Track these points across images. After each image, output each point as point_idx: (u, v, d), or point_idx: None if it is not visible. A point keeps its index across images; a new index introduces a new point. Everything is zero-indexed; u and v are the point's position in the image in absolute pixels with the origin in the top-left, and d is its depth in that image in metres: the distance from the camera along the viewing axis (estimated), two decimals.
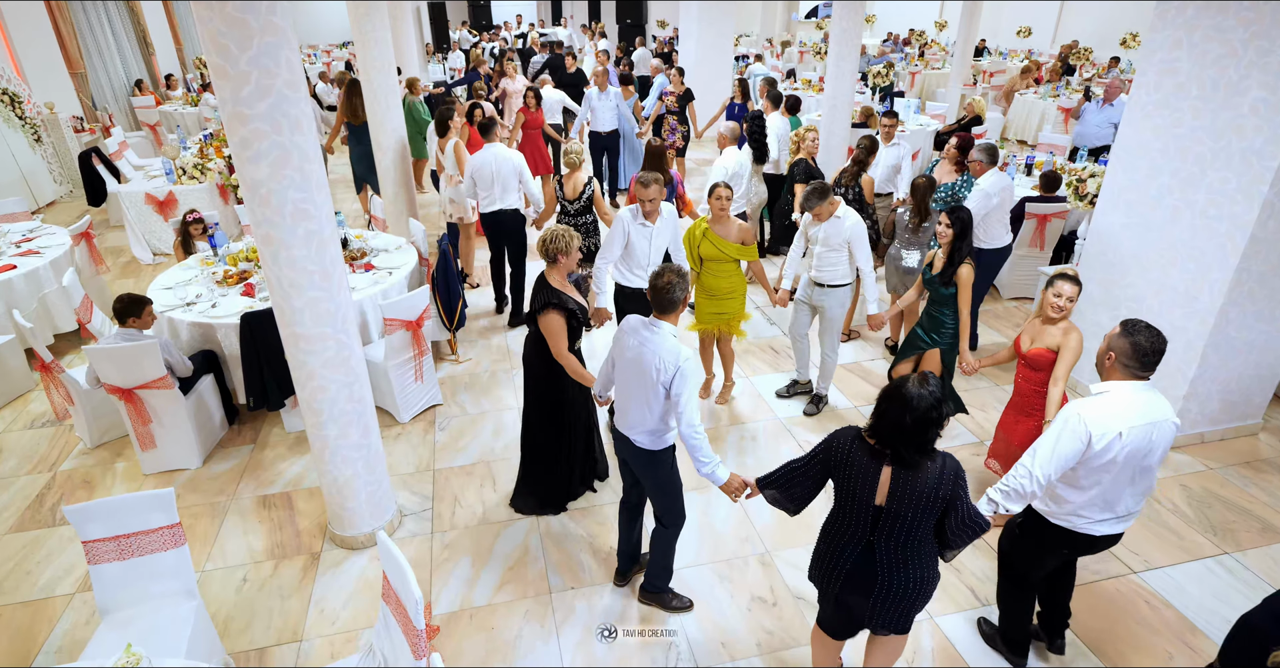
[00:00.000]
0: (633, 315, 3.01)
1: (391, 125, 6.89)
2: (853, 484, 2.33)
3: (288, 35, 2.70)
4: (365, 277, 4.99)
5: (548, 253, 3.40)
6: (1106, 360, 2.63)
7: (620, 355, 3.00)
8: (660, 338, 2.85)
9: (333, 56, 18.09)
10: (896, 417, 2.19)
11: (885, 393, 2.27)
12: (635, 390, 2.92)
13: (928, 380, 2.22)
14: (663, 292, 2.86)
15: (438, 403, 4.95)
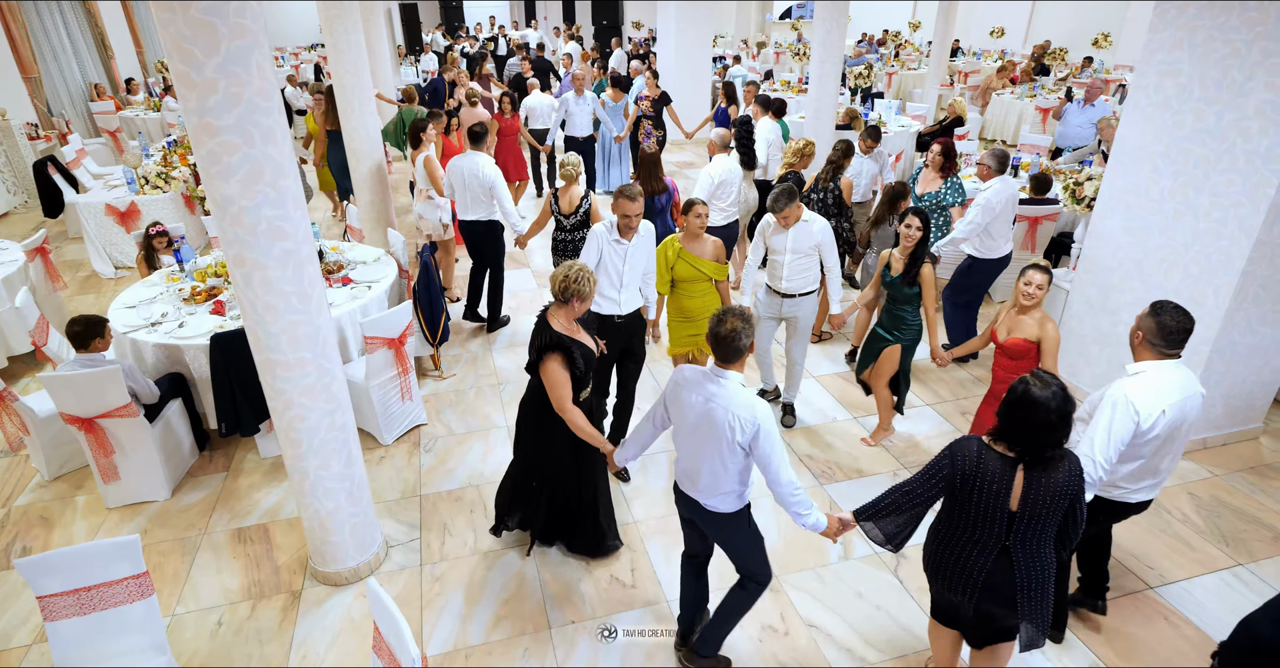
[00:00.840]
0: (687, 367, 2.66)
1: (366, 131, 6.64)
2: (983, 494, 2.34)
3: (259, 39, 2.48)
4: (343, 291, 4.75)
5: (562, 292, 2.98)
6: (1135, 339, 2.80)
7: (680, 415, 2.63)
8: (731, 392, 2.50)
9: (301, 59, 17.66)
10: (1042, 420, 2.20)
11: (1013, 401, 2.26)
12: (706, 453, 2.57)
13: (1041, 378, 2.26)
14: (728, 340, 2.48)
15: (422, 423, 4.72)
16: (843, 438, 4.65)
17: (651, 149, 8.83)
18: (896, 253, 4.17)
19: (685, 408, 2.61)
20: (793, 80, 13.05)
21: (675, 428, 2.72)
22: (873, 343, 4.35)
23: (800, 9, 23.80)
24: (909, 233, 4.03)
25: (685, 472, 2.72)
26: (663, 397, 2.76)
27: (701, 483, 2.65)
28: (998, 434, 2.35)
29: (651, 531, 3.84)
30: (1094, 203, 4.94)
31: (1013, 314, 3.61)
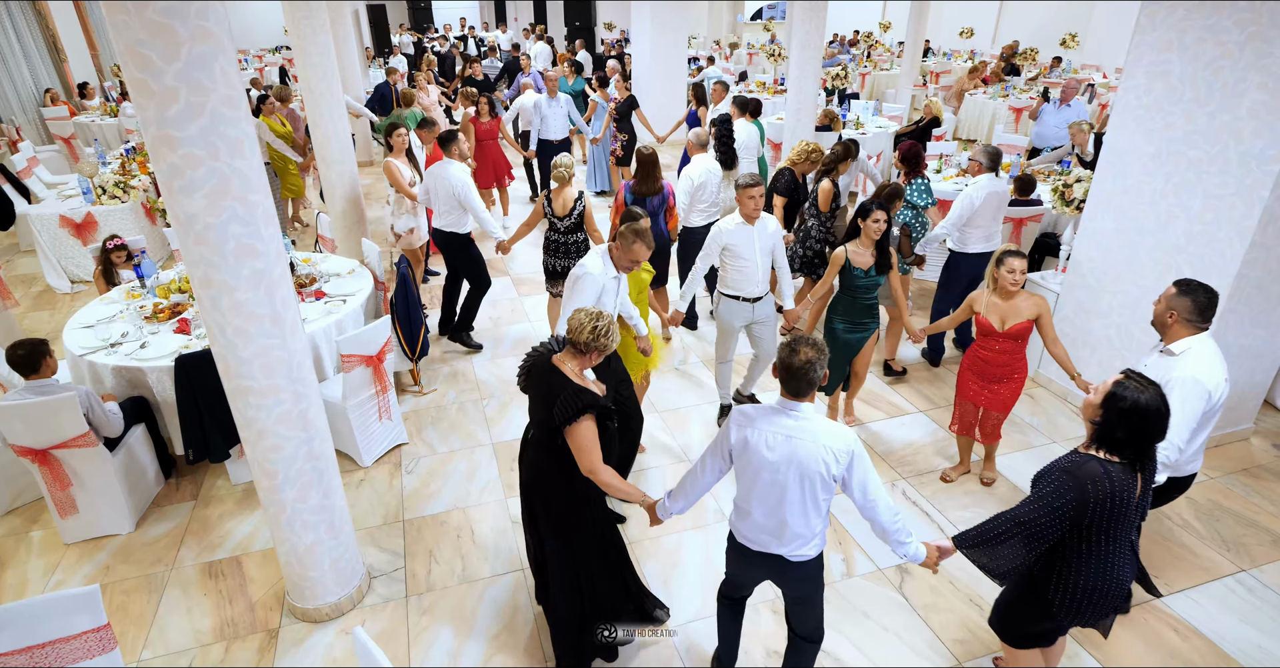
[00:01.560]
0: (747, 406, 2.42)
1: (336, 136, 6.40)
2: (1121, 510, 2.29)
3: (223, 43, 2.29)
4: (316, 306, 4.53)
5: (585, 344, 2.60)
6: (1170, 319, 2.90)
7: (754, 462, 2.36)
8: (814, 424, 2.30)
9: (265, 62, 17.21)
10: (1158, 425, 2.22)
11: (1127, 411, 2.21)
12: (793, 498, 2.34)
13: (1137, 380, 2.27)
14: (802, 372, 2.26)
15: (403, 442, 4.52)
16: None
17: (616, 153, 8.73)
18: (855, 247, 4.15)
19: (761, 452, 2.33)
20: (768, 81, 13.01)
21: (746, 477, 2.42)
22: (845, 343, 4.35)
23: (771, 10, 23.86)
24: (875, 227, 4.05)
25: (765, 527, 2.44)
26: (721, 443, 2.48)
27: (791, 532, 2.40)
28: (1107, 443, 2.28)
29: (646, 552, 3.69)
30: (1083, 205, 4.90)
31: (997, 302, 3.71)
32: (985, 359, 3.82)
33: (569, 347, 2.68)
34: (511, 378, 5.28)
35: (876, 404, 5.02)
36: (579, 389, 2.58)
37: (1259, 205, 3.77)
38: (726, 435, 2.44)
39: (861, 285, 4.18)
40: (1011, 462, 4.42)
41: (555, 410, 2.53)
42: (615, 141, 8.89)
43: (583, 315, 2.63)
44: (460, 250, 5.50)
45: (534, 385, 2.74)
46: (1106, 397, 2.25)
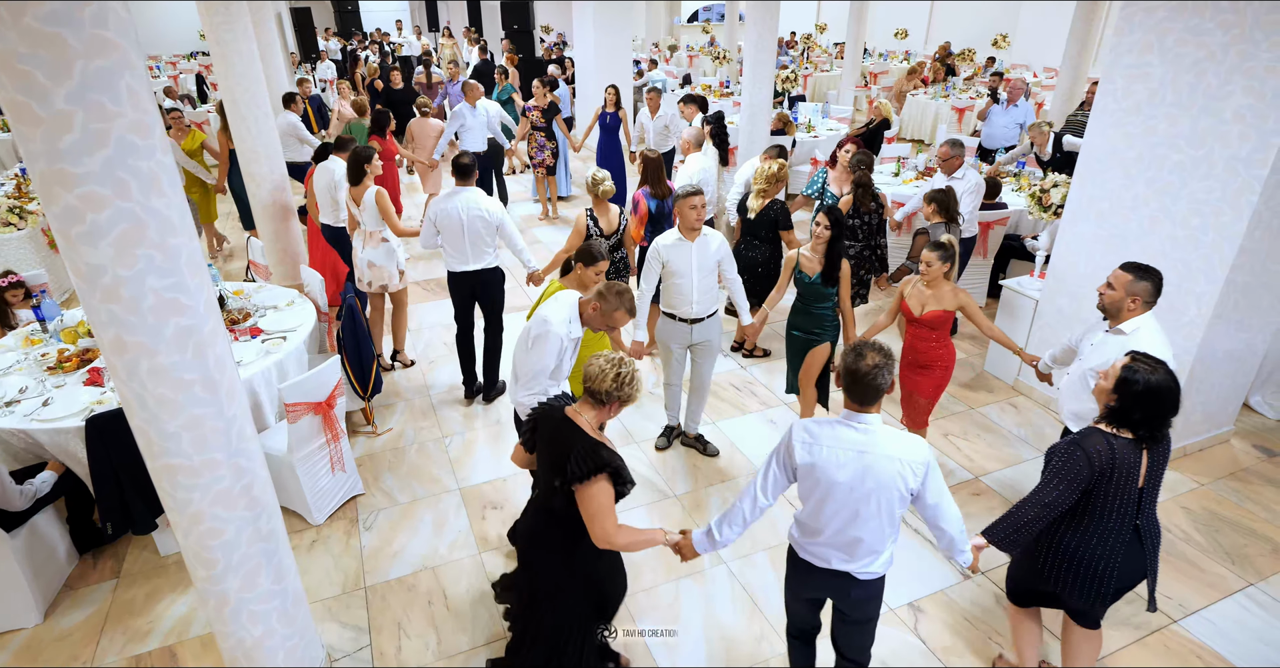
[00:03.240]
0: (808, 422, 2.26)
1: (265, 152, 5.87)
2: (1120, 484, 2.39)
3: (128, 56, 1.86)
4: (252, 345, 4.04)
5: (608, 394, 2.32)
6: (1132, 303, 2.98)
7: (822, 480, 2.21)
8: (885, 436, 2.19)
9: (179, 69, 16.14)
10: (1171, 403, 2.30)
11: (1140, 393, 2.31)
12: (868, 515, 2.22)
13: (1145, 361, 2.35)
14: (869, 378, 2.15)
15: (358, 493, 4.07)
16: None
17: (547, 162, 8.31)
18: (807, 252, 4.04)
19: (831, 473, 2.20)
20: (713, 84, 12.84)
21: (814, 497, 2.27)
22: (795, 348, 4.25)
23: (706, 12, 23.84)
24: (819, 232, 3.93)
25: (836, 543, 2.30)
26: (783, 461, 2.30)
27: (863, 548, 2.29)
28: (1121, 423, 2.37)
29: (641, 608, 3.36)
30: (1061, 210, 4.81)
31: (920, 289, 3.80)
32: (909, 346, 3.92)
33: (586, 397, 2.39)
34: (479, 411, 4.88)
35: None
36: (595, 444, 2.30)
37: (1247, 210, 3.70)
38: (790, 454, 2.28)
39: (808, 293, 4.06)
40: (1003, 477, 4.27)
41: (569, 466, 2.25)
42: (542, 151, 8.42)
43: (602, 362, 2.35)
44: (498, 288, 4.76)
45: (543, 440, 2.45)
46: (1119, 381, 2.34)
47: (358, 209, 4.90)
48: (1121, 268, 3.02)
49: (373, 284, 4.99)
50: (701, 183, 5.46)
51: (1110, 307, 3.03)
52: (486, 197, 4.54)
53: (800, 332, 4.20)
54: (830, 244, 3.93)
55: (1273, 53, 3.47)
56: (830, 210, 3.91)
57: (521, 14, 13.17)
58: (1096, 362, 3.02)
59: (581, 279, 3.53)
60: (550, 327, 2.94)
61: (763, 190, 5.06)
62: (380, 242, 4.90)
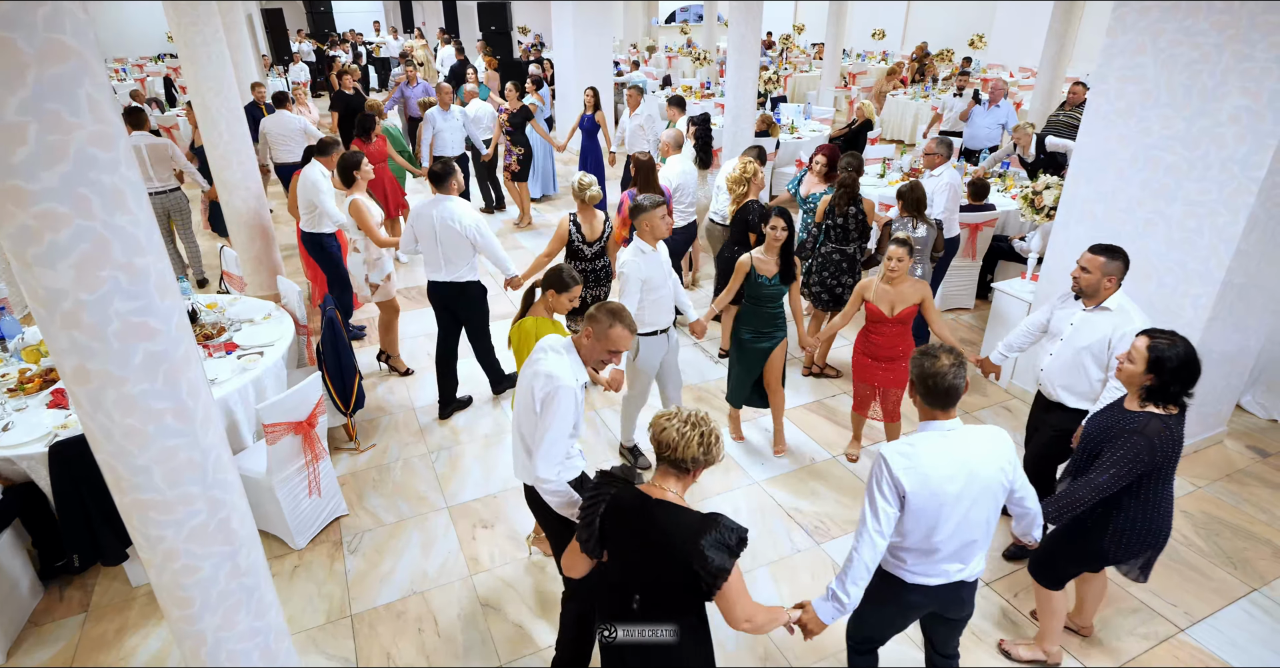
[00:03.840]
0: (897, 445, 2.16)
1: (237, 157, 5.67)
2: (1175, 457, 2.54)
3: (87, 61, 1.71)
4: (227, 362, 3.86)
5: (690, 458, 2.02)
6: (1108, 283, 3.14)
7: (936, 493, 2.11)
8: (974, 435, 2.19)
9: (147, 72, 15.75)
10: (1197, 365, 2.44)
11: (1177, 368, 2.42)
12: (977, 518, 2.20)
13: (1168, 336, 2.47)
14: (948, 378, 2.13)
15: (342, 514, 3.91)
16: (829, 482, 4.23)
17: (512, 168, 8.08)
18: (760, 254, 4.02)
19: (945, 489, 2.13)
20: (694, 85, 12.76)
21: (926, 517, 2.16)
22: (754, 354, 4.20)
23: (684, 13, 23.79)
24: (776, 234, 3.94)
25: (953, 556, 2.25)
26: (886, 494, 2.16)
27: (975, 549, 2.27)
28: (1164, 399, 2.49)
29: None
30: (1054, 212, 4.77)
31: (885, 288, 3.89)
32: (876, 343, 4.02)
33: (665, 467, 2.07)
34: (464, 424, 4.73)
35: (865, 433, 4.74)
36: (726, 524, 1.98)
37: (1244, 212, 3.67)
38: (896, 482, 2.14)
39: (768, 294, 4.04)
40: None
41: (709, 565, 1.94)
42: (510, 156, 8.18)
43: (678, 425, 2.02)
44: (478, 300, 4.61)
45: (629, 535, 2.08)
46: (1152, 361, 2.44)
47: (347, 217, 4.79)
48: (1091, 251, 3.14)
49: (372, 297, 5.00)
50: (682, 187, 5.49)
51: (1088, 288, 3.16)
52: (465, 206, 4.39)
53: (756, 335, 4.15)
54: (785, 244, 3.98)
55: (1269, 54, 3.43)
56: (782, 212, 3.94)
57: (499, 15, 12.99)
58: (1089, 339, 3.18)
59: (552, 307, 3.25)
60: (559, 382, 2.47)
61: (734, 194, 4.96)
62: (353, 251, 4.88)
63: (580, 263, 4.63)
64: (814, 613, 2.26)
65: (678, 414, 2.07)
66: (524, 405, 2.61)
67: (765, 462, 4.40)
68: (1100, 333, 3.14)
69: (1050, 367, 3.36)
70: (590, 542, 2.14)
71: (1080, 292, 3.21)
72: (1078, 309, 3.28)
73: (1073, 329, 3.26)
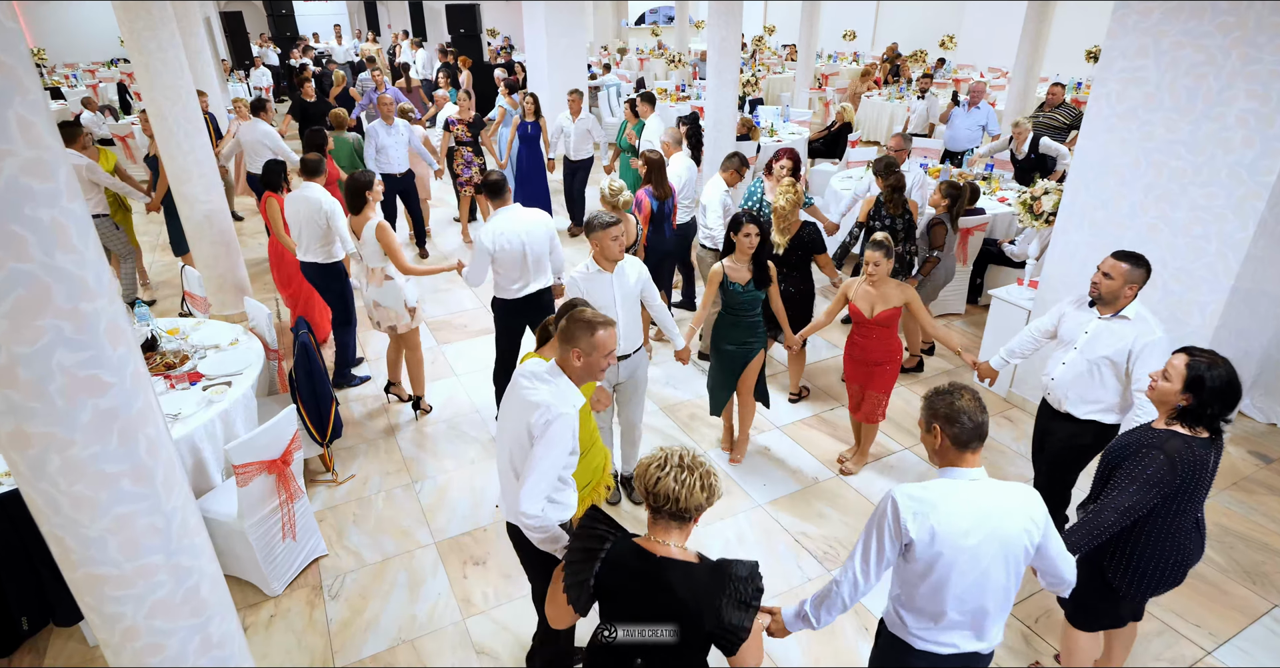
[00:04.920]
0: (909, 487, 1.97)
1: (198, 169, 5.36)
2: (1197, 484, 2.35)
3: (19, 78, 1.47)
4: (192, 394, 3.58)
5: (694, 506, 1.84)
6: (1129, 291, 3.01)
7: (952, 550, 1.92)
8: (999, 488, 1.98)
9: (99, 78, 15.15)
10: (1239, 389, 2.28)
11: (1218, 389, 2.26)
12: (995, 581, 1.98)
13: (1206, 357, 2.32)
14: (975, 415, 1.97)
15: (321, 555, 3.65)
16: (836, 503, 4.07)
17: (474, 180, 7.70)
18: (731, 263, 3.89)
19: (956, 542, 1.91)
20: (669, 88, 12.60)
21: (935, 573, 1.95)
22: (732, 364, 4.04)
23: (653, 14, 23.66)
24: (747, 241, 3.79)
25: (962, 623, 2.02)
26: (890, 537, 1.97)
27: (990, 620, 2.03)
28: (1197, 422, 2.32)
29: None
30: (1054, 218, 4.67)
31: (866, 290, 3.84)
32: (860, 345, 3.98)
33: (662, 518, 1.88)
34: (450, 449, 4.49)
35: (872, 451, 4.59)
36: (738, 575, 1.83)
37: (1253, 217, 3.59)
38: (900, 528, 1.95)
39: (743, 302, 3.90)
40: None
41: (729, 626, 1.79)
42: (469, 167, 7.59)
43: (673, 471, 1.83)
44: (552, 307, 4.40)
45: (632, 595, 1.88)
46: (1191, 380, 2.28)
47: (357, 243, 4.38)
48: (1115, 257, 3.01)
49: (381, 324, 4.53)
50: (688, 183, 5.50)
51: (1107, 295, 3.03)
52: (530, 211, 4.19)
53: (734, 345, 4.00)
54: (759, 249, 3.85)
55: (1277, 56, 3.35)
56: (754, 218, 3.80)
57: (468, 17, 12.69)
58: (1108, 349, 3.04)
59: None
60: (557, 410, 2.25)
61: (782, 226, 4.50)
62: (384, 279, 4.35)
63: None
64: (782, 623, 2.20)
65: (668, 459, 1.86)
66: (514, 440, 2.38)
67: (767, 482, 4.23)
68: (1121, 343, 3.01)
69: (1062, 376, 3.21)
70: (581, 600, 1.92)
71: (1098, 298, 3.07)
72: (1093, 317, 3.14)
73: (1088, 338, 3.12)
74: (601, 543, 1.92)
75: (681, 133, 5.94)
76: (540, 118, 7.76)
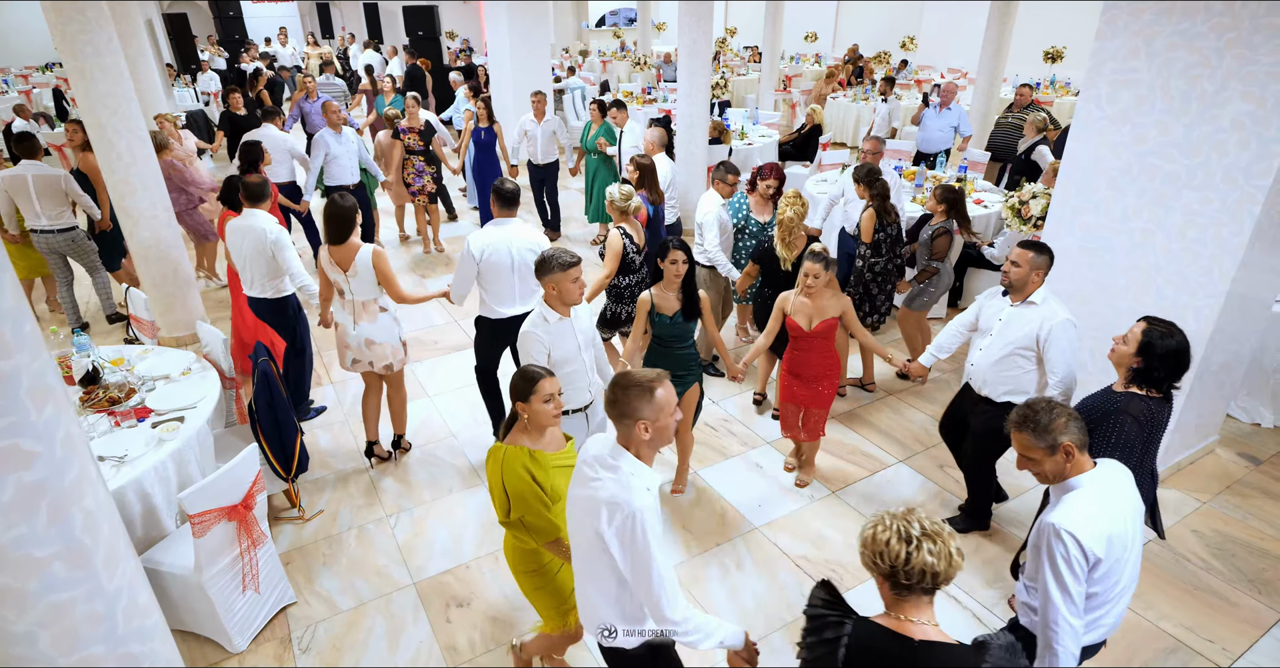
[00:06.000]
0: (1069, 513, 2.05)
1: (142, 182, 5.00)
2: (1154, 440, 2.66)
3: None
4: (140, 432, 3.26)
5: (944, 577, 1.67)
6: (1036, 277, 3.27)
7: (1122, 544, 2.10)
8: (1108, 467, 2.19)
9: (32, 83, 14.38)
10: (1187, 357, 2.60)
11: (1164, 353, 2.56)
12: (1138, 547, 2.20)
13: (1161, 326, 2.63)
14: (1079, 419, 2.12)
15: (289, 602, 3.36)
16: (833, 522, 3.91)
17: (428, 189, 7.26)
18: (659, 291, 3.60)
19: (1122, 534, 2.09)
20: (635, 90, 12.42)
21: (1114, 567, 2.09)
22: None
23: (614, 16, 23.49)
24: (677, 269, 3.52)
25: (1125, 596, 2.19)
26: (1081, 576, 2.05)
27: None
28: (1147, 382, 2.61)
29: None
30: (1042, 222, 4.59)
31: (803, 302, 3.73)
32: (802, 361, 3.88)
33: (914, 593, 1.65)
34: (425, 478, 4.22)
35: (851, 458, 4.45)
36: (999, 645, 1.73)
37: (1249, 222, 3.52)
38: (1087, 555, 1.98)
39: (671, 334, 3.67)
40: (1015, 510, 3.99)
41: None
42: (421, 177, 7.20)
43: (926, 543, 1.62)
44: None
45: None
46: (1143, 345, 2.58)
47: (341, 275, 3.83)
48: (1021, 246, 3.24)
49: (375, 365, 3.98)
50: (672, 184, 5.64)
51: (1018, 282, 3.27)
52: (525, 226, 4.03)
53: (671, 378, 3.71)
54: (687, 278, 3.60)
55: (1273, 57, 3.28)
56: (681, 244, 3.53)
57: (427, 19, 12.33)
58: (1018, 334, 3.27)
59: (534, 418, 2.39)
60: (631, 507, 1.92)
61: (788, 239, 4.40)
62: (379, 313, 3.92)
63: (629, 276, 4.49)
64: None
65: (906, 530, 1.62)
66: (588, 545, 2.02)
67: (762, 503, 4.06)
68: (1030, 327, 3.24)
69: (980, 361, 3.44)
70: None
71: (1009, 286, 3.31)
72: (1005, 305, 3.38)
73: (1002, 324, 3.36)
74: (839, 629, 1.69)
75: (665, 135, 5.95)
76: (495, 123, 7.48)
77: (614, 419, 2.01)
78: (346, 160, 6.60)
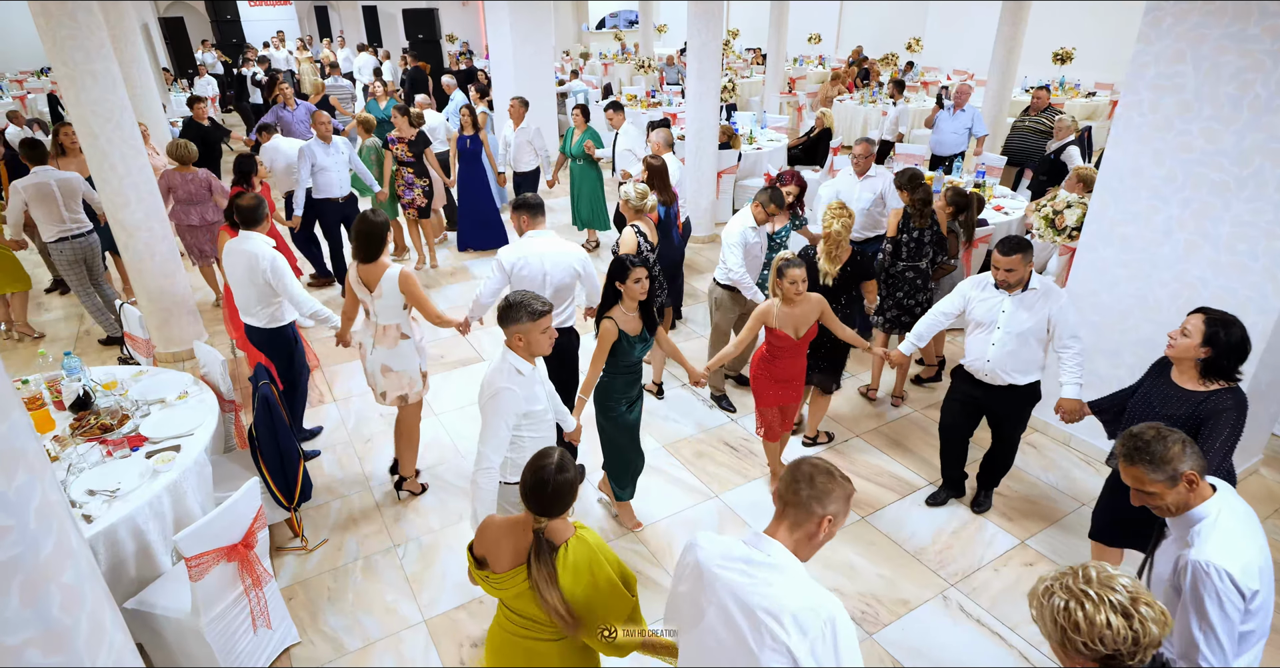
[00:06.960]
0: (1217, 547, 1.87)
1: (137, 194, 4.80)
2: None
3: None
4: (134, 462, 3.06)
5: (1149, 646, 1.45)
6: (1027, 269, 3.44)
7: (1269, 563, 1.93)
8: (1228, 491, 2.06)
9: (27, 88, 14.18)
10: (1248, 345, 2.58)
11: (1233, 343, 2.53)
12: None
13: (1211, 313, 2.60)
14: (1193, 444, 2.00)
15: (293, 643, 3.16)
16: (865, 550, 3.72)
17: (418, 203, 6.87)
18: (622, 315, 3.36)
19: (1266, 556, 1.96)
20: (638, 94, 12.24)
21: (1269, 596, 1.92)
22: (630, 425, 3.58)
23: (613, 18, 23.32)
24: (640, 287, 3.29)
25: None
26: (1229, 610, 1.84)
27: None
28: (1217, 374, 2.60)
29: None
30: (1077, 233, 4.41)
31: (785, 311, 3.67)
32: (785, 365, 3.83)
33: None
34: (433, 503, 4.02)
35: (879, 480, 4.26)
36: None
37: None
38: (1240, 590, 1.80)
39: (640, 353, 3.44)
40: (1054, 538, 3.80)
41: None
42: (411, 189, 6.79)
43: (1114, 607, 1.43)
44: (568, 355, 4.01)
45: None
46: (1209, 336, 2.54)
47: (368, 295, 3.61)
48: (1006, 254, 3.33)
49: (388, 396, 3.75)
50: (676, 184, 5.49)
51: (1017, 283, 3.43)
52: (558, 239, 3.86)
53: (627, 404, 3.54)
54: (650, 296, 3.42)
55: None
56: (645, 262, 3.36)
57: (427, 22, 12.15)
58: (1030, 321, 3.41)
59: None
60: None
61: (835, 253, 4.14)
62: (399, 338, 3.68)
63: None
64: None
65: (1083, 595, 1.43)
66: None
67: None
68: (1040, 313, 3.40)
69: (997, 356, 3.51)
70: None
71: (1009, 286, 3.44)
72: (1004, 297, 3.48)
73: (1007, 315, 3.45)
74: None
75: (672, 135, 5.96)
76: (479, 131, 7.24)
77: (786, 519, 1.80)
78: (335, 172, 6.26)
